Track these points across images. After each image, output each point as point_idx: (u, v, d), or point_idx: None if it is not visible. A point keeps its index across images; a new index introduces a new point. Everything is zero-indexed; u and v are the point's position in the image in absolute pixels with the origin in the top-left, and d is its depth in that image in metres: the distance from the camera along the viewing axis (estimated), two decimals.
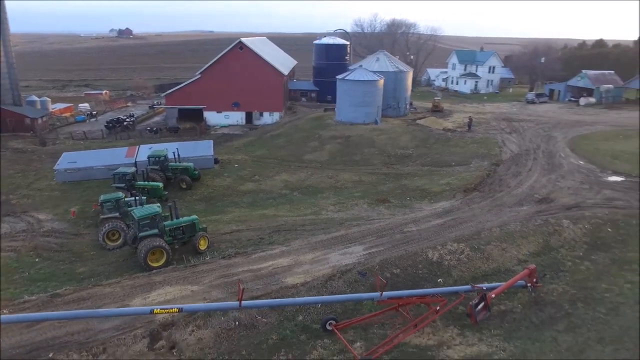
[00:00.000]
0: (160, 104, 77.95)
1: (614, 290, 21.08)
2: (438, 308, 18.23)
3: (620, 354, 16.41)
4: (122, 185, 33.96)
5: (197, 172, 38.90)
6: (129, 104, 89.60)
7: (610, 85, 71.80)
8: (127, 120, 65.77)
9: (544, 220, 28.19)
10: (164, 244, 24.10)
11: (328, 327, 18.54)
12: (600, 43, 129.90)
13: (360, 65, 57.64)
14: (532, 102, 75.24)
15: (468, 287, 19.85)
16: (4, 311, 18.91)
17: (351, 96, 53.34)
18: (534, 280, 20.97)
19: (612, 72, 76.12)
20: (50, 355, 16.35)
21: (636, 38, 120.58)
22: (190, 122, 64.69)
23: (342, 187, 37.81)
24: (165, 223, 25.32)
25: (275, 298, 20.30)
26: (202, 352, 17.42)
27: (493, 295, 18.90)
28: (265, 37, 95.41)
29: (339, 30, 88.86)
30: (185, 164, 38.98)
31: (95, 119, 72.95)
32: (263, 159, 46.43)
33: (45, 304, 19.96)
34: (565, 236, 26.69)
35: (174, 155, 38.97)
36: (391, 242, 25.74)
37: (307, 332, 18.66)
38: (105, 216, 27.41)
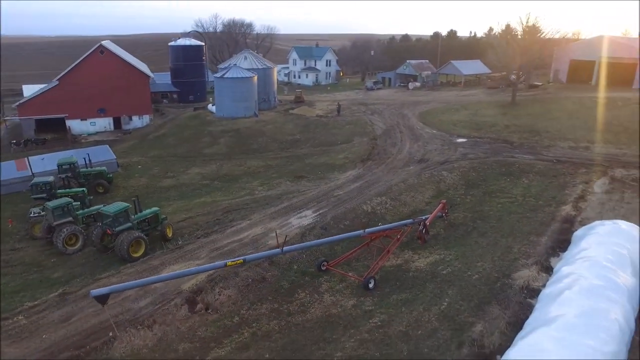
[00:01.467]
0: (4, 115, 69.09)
1: (493, 209, 29.76)
2: (399, 237, 24.19)
3: (515, 240, 24.35)
4: (44, 195, 32.31)
5: (110, 176, 38.33)
6: None
7: (429, 72, 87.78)
8: None
9: (430, 173, 36.50)
10: (142, 235, 25.35)
11: (322, 268, 23.09)
12: (406, 38, 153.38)
13: (235, 64, 60.82)
14: (371, 89, 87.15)
15: (410, 220, 26.22)
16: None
17: (231, 92, 56.45)
18: (446, 211, 28.46)
19: (427, 60, 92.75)
20: (110, 334, 17.66)
21: (431, 33, 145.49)
22: (50, 132, 59.74)
23: (255, 172, 41.48)
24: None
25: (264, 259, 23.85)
26: (235, 305, 20.44)
27: (428, 222, 25.58)
28: (109, 40, 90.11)
29: (193, 32, 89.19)
30: (98, 168, 37.99)
31: None
32: (162, 157, 46.99)
33: (54, 304, 20.25)
34: (448, 182, 35.28)
35: (85, 161, 37.73)
36: (330, 204, 30.97)
37: (308, 275, 22.92)
38: (59, 222, 26.74)
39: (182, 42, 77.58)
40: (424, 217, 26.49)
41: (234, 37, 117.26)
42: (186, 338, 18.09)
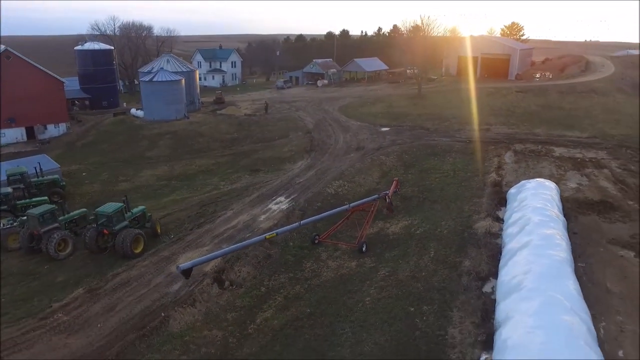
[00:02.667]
0: None
1: (434, 182, 35.32)
2: (372, 209, 28.35)
3: (463, 203, 29.88)
4: (5, 207, 30.90)
5: (64, 184, 37.18)
6: None
7: (334, 70, 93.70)
8: None
9: (371, 159, 41.36)
10: (141, 232, 26.37)
11: (315, 241, 26.49)
12: (301, 38, 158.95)
13: (162, 67, 60.22)
14: (282, 88, 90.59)
15: (377, 195, 30.48)
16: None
17: (162, 95, 56.20)
18: (399, 187, 33.33)
19: (331, 59, 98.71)
20: (163, 314, 19.34)
21: (325, 33, 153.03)
22: None
23: (209, 170, 42.90)
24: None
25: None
26: (256, 279, 23.06)
27: (389, 195, 30.07)
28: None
29: (100, 34, 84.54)
30: (50, 177, 36.55)
31: None
32: (105, 163, 45.95)
33: (87, 300, 21.03)
34: (388, 164, 40.39)
35: (36, 171, 36.09)
36: (297, 190, 34.24)
37: (305, 249, 26.15)
38: (46, 228, 26.39)
39: (90, 46, 73.86)
40: (386, 192, 31.01)
41: (134, 41, 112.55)
42: (229, 309, 20.42)
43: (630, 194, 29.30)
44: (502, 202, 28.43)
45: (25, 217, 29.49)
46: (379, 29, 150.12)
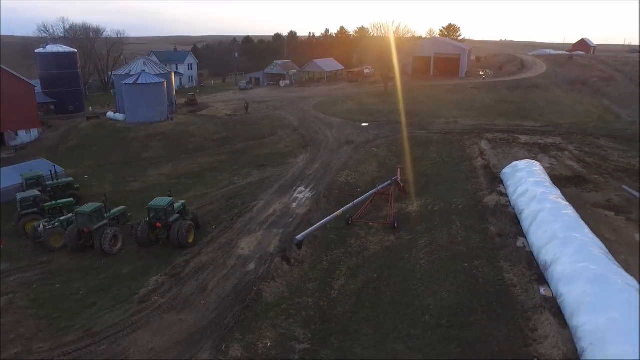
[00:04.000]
0: None
1: (428, 168, 39.80)
2: (391, 192, 32.14)
3: (464, 183, 34.48)
4: (35, 210, 31.29)
5: (78, 186, 37.49)
6: None
7: (294, 70, 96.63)
8: None
9: (364, 151, 45.22)
10: (192, 223, 28.33)
11: (349, 223, 29.85)
12: (248, 39, 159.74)
13: (144, 70, 60.02)
14: (245, 89, 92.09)
15: (389, 181, 34.13)
16: None
17: (146, 98, 56.37)
18: (402, 174, 37.46)
19: (290, 60, 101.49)
20: (255, 288, 21.86)
21: (273, 34, 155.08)
22: None
23: (214, 168, 44.54)
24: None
25: (306, 223, 29.39)
26: (314, 255, 26.04)
27: (399, 179, 33.89)
28: None
29: (63, 36, 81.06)
30: (65, 179, 36.78)
31: None
32: (103, 166, 46.02)
33: (174, 284, 22.94)
34: (381, 155, 44.43)
35: (51, 174, 36.17)
36: (313, 181, 37.29)
37: (342, 229, 29.34)
38: (98, 225, 27.54)
39: (52, 48, 71.33)
40: (395, 178, 34.89)
41: (83, 43, 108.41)
42: (306, 281, 23.32)
43: (593, 170, 35.36)
44: (497, 180, 33.31)
45: (62, 218, 30.46)
46: (327, 31, 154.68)
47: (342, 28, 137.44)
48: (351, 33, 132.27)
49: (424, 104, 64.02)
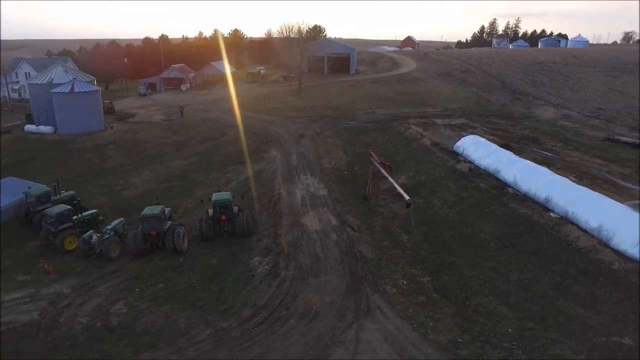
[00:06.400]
0: None
1: (385, 149, 47.28)
2: (385, 168, 38.69)
3: (424, 155, 42.77)
4: (70, 224, 29.78)
5: (79, 199, 35.39)
6: None
7: (193, 74, 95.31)
8: None
9: (324, 141, 50.69)
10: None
11: (365, 198, 35.67)
12: (114, 43, 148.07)
13: (75, 78, 54.63)
14: (145, 95, 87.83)
15: (377, 162, 40.57)
16: None
17: (83, 107, 52.04)
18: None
19: (184, 64, 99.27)
20: (355, 250, 26.37)
21: (142, 38, 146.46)
22: None
23: (193, 170, 44.65)
24: None
25: (334, 200, 34.22)
26: (362, 223, 31.21)
27: (380, 160, 40.71)
28: None
29: None
30: (68, 193, 34.43)
31: None
32: (70, 179, 42.49)
33: (285, 259, 25.99)
34: (339, 144, 50.43)
35: (55, 188, 33.58)
36: (305, 169, 41.61)
37: (364, 202, 34.94)
38: (167, 226, 28.19)
39: None
40: (374, 159, 41.22)
41: None
42: (378, 240, 28.56)
43: (508, 140, 46.78)
44: (453, 154, 42.22)
45: (109, 227, 30.04)
46: (200, 33, 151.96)
47: (216, 31, 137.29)
48: (226, 35, 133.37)
49: (337, 99, 71.29)
